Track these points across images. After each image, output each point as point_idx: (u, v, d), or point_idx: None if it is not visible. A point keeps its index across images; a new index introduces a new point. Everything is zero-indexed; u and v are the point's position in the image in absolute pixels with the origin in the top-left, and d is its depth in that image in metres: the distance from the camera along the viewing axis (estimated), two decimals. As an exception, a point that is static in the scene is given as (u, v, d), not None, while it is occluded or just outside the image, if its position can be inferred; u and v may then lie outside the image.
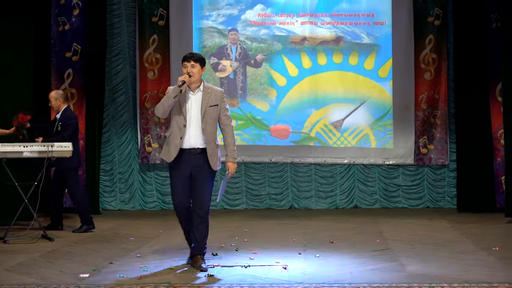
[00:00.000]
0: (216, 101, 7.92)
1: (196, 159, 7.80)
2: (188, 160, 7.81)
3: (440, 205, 13.75)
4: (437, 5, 13.52)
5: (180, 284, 7.14)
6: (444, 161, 13.64)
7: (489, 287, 6.82)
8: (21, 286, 7.09)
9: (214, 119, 7.91)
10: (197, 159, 7.80)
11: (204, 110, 7.84)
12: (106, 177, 13.90)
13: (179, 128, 7.81)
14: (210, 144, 7.83)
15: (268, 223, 11.83)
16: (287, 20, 13.89)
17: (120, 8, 13.91)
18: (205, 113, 7.84)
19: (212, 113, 7.88)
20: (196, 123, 7.83)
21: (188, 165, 7.82)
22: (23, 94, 11.69)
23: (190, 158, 7.81)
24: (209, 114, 7.86)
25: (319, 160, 13.87)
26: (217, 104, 7.92)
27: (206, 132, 7.81)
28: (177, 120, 7.84)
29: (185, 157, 7.82)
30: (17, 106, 11.52)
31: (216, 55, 13.93)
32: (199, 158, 7.81)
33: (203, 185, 7.88)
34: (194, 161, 7.80)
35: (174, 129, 7.85)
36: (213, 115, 7.89)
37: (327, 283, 7.10)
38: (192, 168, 7.83)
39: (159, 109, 7.83)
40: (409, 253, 8.82)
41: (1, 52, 11.61)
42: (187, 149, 7.81)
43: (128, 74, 13.92)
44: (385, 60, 13.76)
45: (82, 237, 10.37)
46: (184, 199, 7.93)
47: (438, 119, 13.56)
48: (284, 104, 13.84)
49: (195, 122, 7.82)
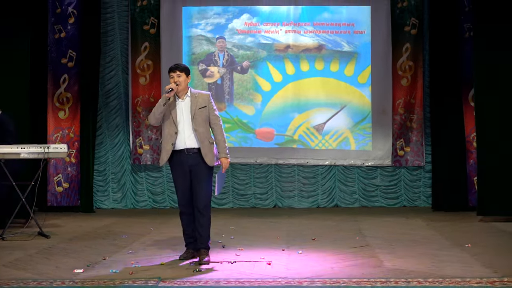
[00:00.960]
0: (204, 103, 8.09)
1: (193, 158, 7.97)
2: (185, 160, 7.99)
3: (416, 204, 13.77)
4: (413, 15, 13.56)
5: (170, 279, 7.14)
6: (420, 163, 13.67)
7: (462, 282, 6.84)
8: (18, 281, 7.07)
9: (204, 120, 8.05)
10: (193, 158, 7.97)
11: (194, 112, 7.98)
12: (100, 177, 13.86)
13: (170, 135, 7.99)
14: (203, 143, 7.96)
15: (254, 221, 11.83)
16: (271, 29, 13.89)
17: (114, 16, 13.89)
18: (195, 115, 7.98)
19: (201, 114, 8.03)
20: (188, 126, 7.98)
21: (186, 164, 7.99)
22: (20, 99, 11.66)
23: (187, 158, 7.99)
24: (199, 115, 8.00)
25: (301, 161, 13.88)
26: (205, 105, 8.09)
27: (198, 132, 7.96)
28: (168, 128, 8.02)
29: (182, 157, 8.00)
30: (15, 110, 11.51)
31: (205, 62, 13.91)
32: (195, 157, 7.97)
33: (202, 182, 8.01)
34: (190, 160, 7.98)
35: (165, 136, 8.04)
36: (202, 116, 8.04)
37: (309, 278, 7.10)
38: (190, 166, 7.98)
39: (151, 118, 8.05)
40: (387, 249, 8.83)
41: (0, 58, 11.56)
42: (184, 150, 7.98)
43: (120, 79, 13.89)
44: (364, 67, 13.78)
45: (77, 234, 10.34)
46: (188, 198, 8.09)
47: (414, 123, 13.59)
48: (269, 108, 13.84)
49: (186, 125, 7.99)
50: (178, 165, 8.03)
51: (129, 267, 7.74)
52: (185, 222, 8.19)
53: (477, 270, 7.47)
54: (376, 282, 6.86)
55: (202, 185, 8.00)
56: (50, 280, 7.10)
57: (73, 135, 13.09)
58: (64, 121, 13.09)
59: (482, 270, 7.47)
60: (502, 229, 10.50)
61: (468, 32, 12.77)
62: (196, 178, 8.00)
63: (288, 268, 7.68)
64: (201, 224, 8.03)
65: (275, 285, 6.86)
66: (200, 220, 8.02)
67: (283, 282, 6.98)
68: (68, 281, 7.07)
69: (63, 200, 13.05)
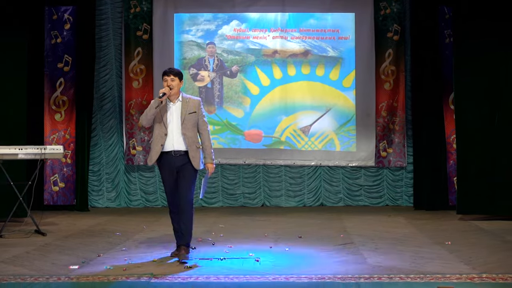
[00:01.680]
0: (194, 109, 8.06)
1: (179, 160, 7.95)
2: (173, 161, 7.96)
3: (398, 203, 13.79)
4: (396, 22, 13.60)
5: (162, 275, 7.13)
6: (402, 164, 13.70)
7: (443, 278, 6.86)
8: (16, 276, 7.06)
9: (193, 125, 8.02)
10: (180, 160, 7.94)
11: (183, 117, 7.96)
12: (94, 177, 13.84)
13: (160, 137, 7.97)
14: (191, 147, 7.94)
15: (242, 220, 11.83)
16: (260, 35, 13.90)
17: (108, 23, 13.87)
18: (184, 120, 7.96)
19: (191, 119, 8.00)
20: (177, 130, 7.96)
21: (173, 166, 7.97)
22: (18, 101, 11.61)
23: (174, 159, 7.96)
24: (188, 120, 7.98)
25: (288, 162, 13.89)
26: (195, 111, 8.05)
27: (186, 136, 7.94)
28: (159, 129, 8.01)
29: (170, 159, 7.97)
30: (13, 112, 11.50)
31: (195, 66, 13.91)
32: (182, 159, 7.95)
33: (186, 182, 7.99)
34: (177, 162, 7.95)
35: (155, 137, 8.02)
36: (192, 121, 8.01)
37: (296, 274, 7.11)
38: (177, 167, 7.97)
39: (143, 119, 8.01)
40: (370, 246, 8.84)
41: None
42: (171, 152, 7.96)
43: (114, 83, 13.88)
44: (349, 72, 13.79)
45: (72, 232, 10.32)
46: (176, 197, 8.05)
47: (396, 125, 13.62)
48: (257, 111, 13.84)
49: (176, 129, 7.97)
50: (166, 166, 8.02)
51: (122, 264, 7.73)
52: (175, 221, 8.14)
53: (457, 266, 7.50)
54: (360, 278, 6.88)
55: (186, 185, 7.99)
56: (46, 276, 7.09)
57: (69, 136, 13.08)
58: (60, 123, 13.08)
59: (461, 266, 7.49)
60: (480, 227, 10.52)
61: (449, 38, 12.82)
62: (181, 178, 8.00)
63: (275, 265, 7.68)
64: (183, 221, 8.00)
65: (263, 281, 6.87)
66: (182, 218, 8.00)
67: (270, 278, 6.99)
68: (63, 277, 7.06)
69: (59, 199, 13.03)
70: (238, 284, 6.72)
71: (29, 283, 6.76)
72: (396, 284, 6.63)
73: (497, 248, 8.68)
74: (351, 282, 6.71)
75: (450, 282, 6.60)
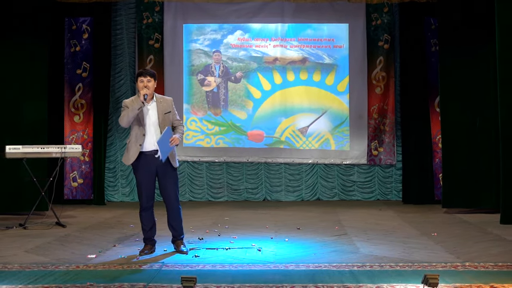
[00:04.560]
0: (169, 108, 7.79)
1: (158, 159, 7.57)
2: (151, 161, 7.63)
3: (388, 198, 13.77)
4: (386, 32, 13.59)
5: (172, 264, 7.13)
6: (392, 161, 13.68)
7: (429, 266, 6.86)
8: (38, 265, 7.06)
9: (169, 124, 7.73)
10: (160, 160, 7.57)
11: (161, 117, 7.69)
12: (110, 173, 13.83)
13: (138, 137, 7.65)
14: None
15: (246, 213, 11.82)
16: (261, 44, 13.89)
17: (122, 33, 13.87)
18: (162, 120, 7.69)
19: (166, 119, 7.74)
20: (155, 129, 7.66)
21: (152, 165, 7.64)
22: (40, 105, 11.61)
23: (153, 159, 7.63)
24: (165, 120, 7.71)
25: (288, 160, 13.87)
26: (170, 111, 7.79)
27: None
28: (136, 130, 7.67)
29: (149, 159, 7.63)
30: (36, 115, 11.52)
31: (203, 72, 13.90)
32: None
33: (173, 181, 7.77)
34: (157, 161, 7.60)
35: (133, 137, 7.68)
36: (167, 120, 7.75)
37: (295, 263, 7.11)
38: (157, 167, 7.66)
39: (123, 120, 7.63)
40: (362, 237, 8.84)
41: (22, 70, 11.54)
42: (149, 152, 7.64)
43: (128, 88, 13.86)
44: (343, 77, 13.78)
45: (90, 224, 10.32)
46: (151, 197, 7.79)
47: (387, 126, 13.61)
48: (259, 113, 13.83)
49: (154, 129, 7.67)
50: (145, 166, 7.64)
51: (136, 253, 7.72)
52: (146, 218, 7.82)
53: (442, 256, 7.50)
54: (353, 266, 6.87)
55: (171, 185, 7.76)
56: (66, 265, 7.09)
57: (87, 136, 13.09)
58: (79, 125, 13.09)
59: (446, 255, 7.50)
60: (464, 220, 10.52)
61: (434, 46, 12.82)
62: (165, 178, 7.72)
63: (276, 254, 7.69)
64: (175, 219, 7.83)
65: (265, 269, 6.86)
66: (173, 215, 7.82)
67: (271, 266, 6.99)
68: (82, 265, 7.06)
69: (78, 194, 13.04)
70: (242, 272, 6.71)
71: (50, 271, 6.75)
72: (387, 271, 6.62)
73: (479, 239, 8.67)
74: (345, 270, 6.70)
75: (436, 270, 6.59)
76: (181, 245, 7.90)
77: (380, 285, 6.02)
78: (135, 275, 6.59)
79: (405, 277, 6.34)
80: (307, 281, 6.19)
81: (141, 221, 7.89)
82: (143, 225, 7.89)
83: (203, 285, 6.00)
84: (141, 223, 7.91)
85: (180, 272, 6.66)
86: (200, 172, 13.97)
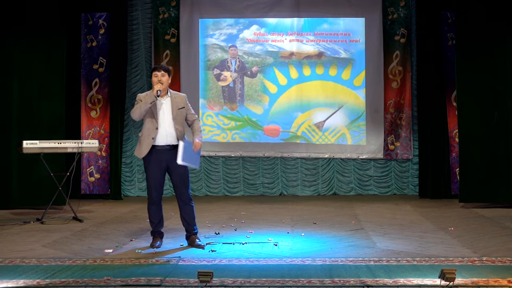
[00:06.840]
0: (182, 104, 7.83)
1: (170, 154, 7.65)
2: (163, 155, 7.69)
3: (405, 192, 13.74)
4: (402, 26, 13.54)
5: (189, 258, 7.14)
6: (408, 156, 13.64)
7: (446, 261, 6.82)
8: (56, 259, 7.09)
9: (182, 119, 7.81)
10: (171, 154, 7.63)
11: (175, 112, 7.74)
12: (127, 168, 13.87)
13: (151, 130, 7.69)
14: (180, 140, 7.63)
15: (262, 207, 11.81)
16: (277, 38, 13.87)
17: (139, 28, 13.90)
18: (175, 115, 7.74)
19: (181, 114, 7.79)
20: (169, 124, 7.71)
21: (163, 159, 7.69)
22: (57, 100, 11.66)
23: (164, 153, 7.69)
24: (179, 115, 7.76)
25: (304, 155, 13.86)
26: (183, 106, 7.83)
27: (178, 131, 7.71)
28: (150, 123, 7.71)
29: (160, 153, 7.68)
30: (53, 110, 11.57)
31: (219, 67, 13.91)
32: (172, 153, 7.63)
33: (182, 175, 7.78)
34: (168, 156, 7.66)
35: (146, 130, 7.72)
36: (181, 116, 7.80)
37: (311, 257, 7.10)
38: (167, 161, 7.70)
39: (135, 113, 7.68)
40: (379, 232, 8.82)
41: (40, 65, 11.60)
42: (161, 146, 7.69)
43: (144, 83, 13.88)
44: (359, 72, 13.75)
45: (107, 219, 10.35)
46: (160, 192, 7.85)
47: (403, 120, 13.57)
48: (275, 108, 13.82)
49: (167, 123, 7.71)
50: (156, 161, 7.69)
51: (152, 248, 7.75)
52: (154, 212, 7.87)
53: (459, 250, 7.46)
54: (370, 261, 6.85)
55: (184, 180, 7.79)
56: (83, 259, 7.11)
57: (104, 131, 13.12)
58: (95, 120, 13.13)
59: (463, 250, 7.46)
60: (481, 214, 10.47)
61: (451, 41, 12.73)
62: (176, 173, 7.74)
63: (292, 249, 7.68)
64: (188, 213, 7.86)
65: (281, 263, 6.85)
66: (187, 210, 7.85)
67: (288, 261, 6.98)
68: (99, 260, 7.08)
69: (94, 189, 13.08)
70: (258, 267, 6.70)
71: (68, 265, 6.77)
72: (403, 266, 6.60)
73: (496, 233, 8.64)
74: (362, 265, 6.68)
75: (453, 265, 6.57)
76: (196, 239, 7.91)
77: (396, 280, 6.00)
78: (152, 269, 6.60)
79: (422, 271, 6.31)
80: (323, 276, 6.18)
81: (149, 215, 7.94)
82: (151, 219, 7.93)
83: (219, 280, 6.00)
84: (149, 217, 7.96)
85: (196, 266, 6.66)
86: (216, 167, 13.98)
